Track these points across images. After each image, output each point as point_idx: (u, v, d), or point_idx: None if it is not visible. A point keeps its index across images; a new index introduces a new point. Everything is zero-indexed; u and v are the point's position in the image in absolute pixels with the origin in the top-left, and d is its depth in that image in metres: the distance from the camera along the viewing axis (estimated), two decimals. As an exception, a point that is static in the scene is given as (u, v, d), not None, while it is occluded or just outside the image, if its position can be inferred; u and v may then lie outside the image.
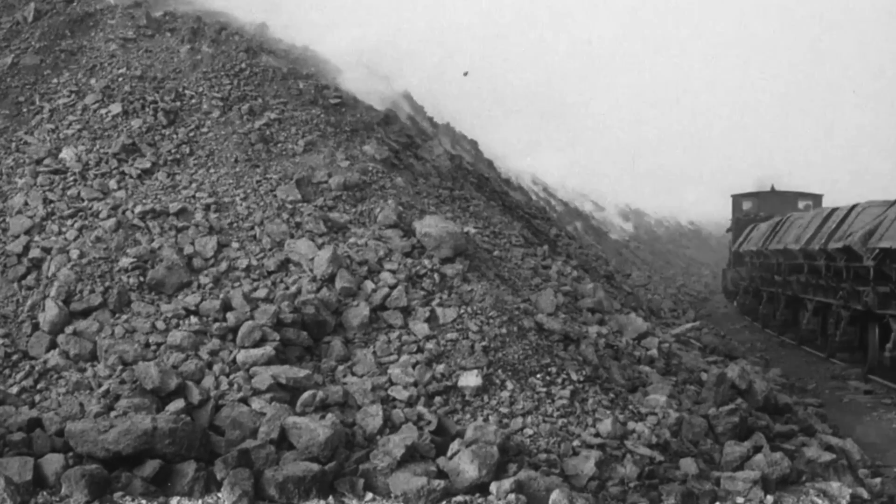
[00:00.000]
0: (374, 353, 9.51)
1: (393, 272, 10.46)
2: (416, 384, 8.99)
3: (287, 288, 10.21)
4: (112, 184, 11.79)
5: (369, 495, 7.79)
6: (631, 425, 8.82)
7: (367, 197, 12.01)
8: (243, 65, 14.29)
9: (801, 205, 29.99)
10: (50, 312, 9.85)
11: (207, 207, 11.29)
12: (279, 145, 12.71)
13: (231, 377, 9.03)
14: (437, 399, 8.89)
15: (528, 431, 8.54)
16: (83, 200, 11.54)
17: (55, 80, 13.97)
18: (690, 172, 68.34)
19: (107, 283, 10.21)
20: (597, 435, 8.58)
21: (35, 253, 10.71)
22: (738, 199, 33.63)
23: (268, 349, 9.24)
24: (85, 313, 9.95)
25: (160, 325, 9.72)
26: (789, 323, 21.43)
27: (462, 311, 9.95)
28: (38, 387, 9.21)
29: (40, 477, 7.83)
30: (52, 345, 9.72)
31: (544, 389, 9.09)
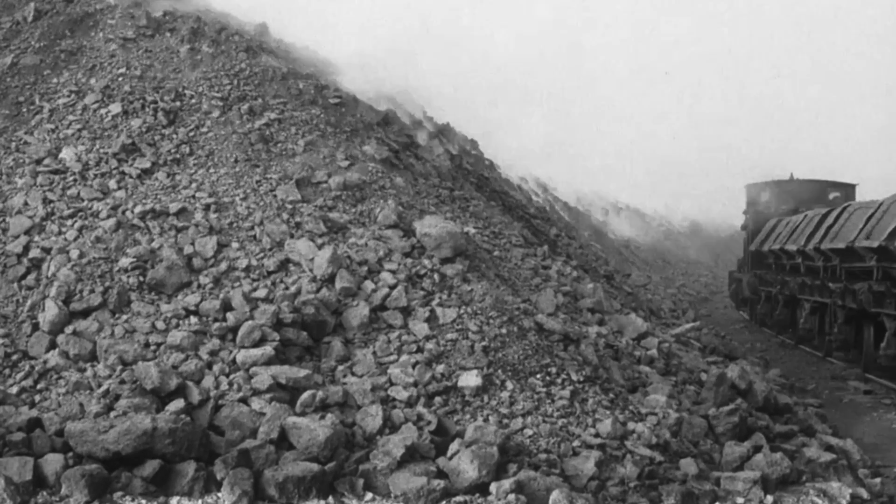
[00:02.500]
0: (374, 353, 9.51)
1: (393, 272, 10.47)
2: (415, 384, 8.99)
3: (287, 288, 10.21)
4: (112, 184, 11.79)
5: (369, 495, 7.79)
6: (631, 425, 8.82)
7: (367, 197, 12.01)
8: (243, 65, 14.30)
9: (830, 196, 25.40)
10: (50, 312, 9.85)
11: (207, 207, 11.29)
12: (279, 145, 12.71)
13: (231, 377, 9.04)
14: (437, 399, 8.89)
15: (528, 432, 8.54)
16: (83, 200, 11.54)
17: (55, 80, 13.97)
18: (689, 166, 66.84)
19: (107, 283, 10.21)
20: (597, 435, 8.58)
21: (35, 253, 10.72)
22: (754, 190, 28.02)
23: (267, 349, 9.24)
24: (85, 313, 9.96)
25: (160, 325, 9.73)
26: (848, 343, 16.85)
27: (462, 311, 9.96)
28: (38, 387, 9.21)
29: (40, 477, 7.84)
30: (52, 345, 9.72)
31: (544, 390, 9.10)
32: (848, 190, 26.07)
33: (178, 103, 13.26)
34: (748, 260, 27.13)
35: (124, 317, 9.89)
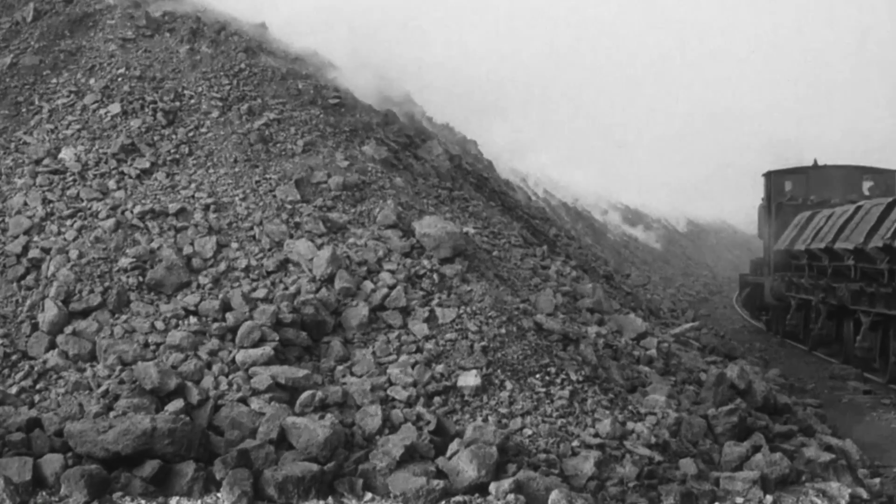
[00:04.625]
0: (374, 353, 9.51)
1: (392, 272, 10.47)
2: (415, 384, 8.99)
3: (286, 288, 10.21)
4: (111, 184, 11.79)
5: (368, 495, 7.79)
6: (630, 425, 8.82)
7: (367, 197, 12.01)
8: (242, 65, 14.29)
9: (865, 186, 22.39)
10: (49, 312, 9.85)
11: (207, 207, 11.29)
12: (278, 145, 12.71)
13: (230, 377, 9.04)
14: (437, 399, 8.90)
15: (528, 431, 8.55)
16: (82, 201, 11.54)
17: (54, 81, 13.97)
18: (688, 163, 65.99)
19: (106, 284, 10.21)
20: (596, 435, 8.59)
21: (34, 253, 10.72)
22: (776, 179, 23.68)
23: (267, 349, 9.24)
24: (84, 313, 9.96)
25: (159, 325, 9.73)
26: None
27: (461, 311, 9.96)
28: (38, 387, 9.21)
29: (40, 477, 7.84)
30: (52, 345, 9.72)
31: (543, 389, 9.10)
32: (886, 177, 22.86)
33: (177, 103, 13.27)
34: (770, 261, 23.15)
35: (124, 317, 9.89)
